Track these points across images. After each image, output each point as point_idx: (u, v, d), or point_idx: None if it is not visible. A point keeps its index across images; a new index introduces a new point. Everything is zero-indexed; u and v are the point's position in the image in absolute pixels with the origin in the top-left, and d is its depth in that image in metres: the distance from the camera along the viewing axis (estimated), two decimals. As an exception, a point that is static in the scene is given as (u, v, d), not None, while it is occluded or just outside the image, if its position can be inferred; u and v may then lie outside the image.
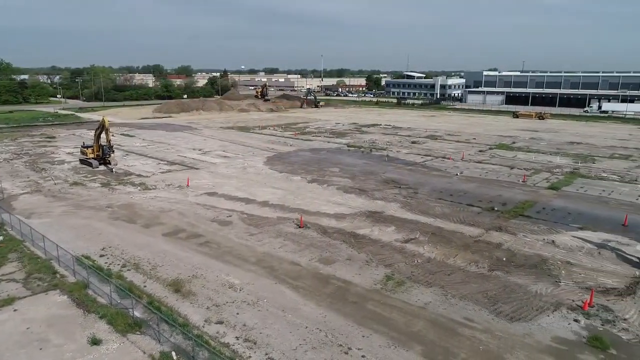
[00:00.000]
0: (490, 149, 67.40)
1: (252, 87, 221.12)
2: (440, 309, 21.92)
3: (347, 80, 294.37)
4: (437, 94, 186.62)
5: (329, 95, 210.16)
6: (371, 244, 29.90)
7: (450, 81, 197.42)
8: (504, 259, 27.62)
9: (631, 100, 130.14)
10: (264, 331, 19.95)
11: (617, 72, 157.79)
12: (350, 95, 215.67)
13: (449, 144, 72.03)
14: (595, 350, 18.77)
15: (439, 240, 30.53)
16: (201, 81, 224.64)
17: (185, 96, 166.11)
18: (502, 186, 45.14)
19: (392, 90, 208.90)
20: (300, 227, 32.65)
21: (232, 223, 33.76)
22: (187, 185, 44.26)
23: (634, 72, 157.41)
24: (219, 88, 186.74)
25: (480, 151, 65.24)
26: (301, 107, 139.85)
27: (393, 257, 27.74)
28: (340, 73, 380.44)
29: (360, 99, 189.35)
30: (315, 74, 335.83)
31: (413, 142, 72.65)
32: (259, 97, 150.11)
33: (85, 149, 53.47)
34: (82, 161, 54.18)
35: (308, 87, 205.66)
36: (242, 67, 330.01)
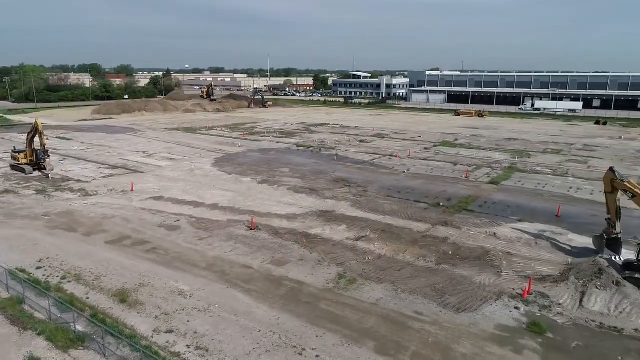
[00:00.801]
0: (434, 146, 69.81)
1: (198, 87, 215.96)
2: (391, 305, 22.43)
3: (295, 80, 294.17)
4: (382, 93, 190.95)
5: (276, 95, 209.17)
6: (323, 243, 30.09)
7: (395, 81, 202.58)
8: (450, 252, 28.71)
9: (560, 98, 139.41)
10: (216, 337, 19.56)
11: (547, 72, 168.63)
12: (298, 94, 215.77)
13: (395, 142, 73.86)
14: (534, 335, 19.93)
15: (388, 237, 31.22)
16: (143, 81, 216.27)
17: (126, 97, 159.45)
18: (447, 182, 46.89)
19: (339, 89, 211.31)
20: (251, 229, 32.29)
21: (181, 228, 32.82)
22: (131, 190, 42.51)
23: (561, 72, 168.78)
24: (162, 88, 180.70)
25: (426, 149, 67.42)
26: (249, 107, 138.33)
27: (345, 256, 28.08)
28: (287, 72, 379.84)
29: (308, 98, 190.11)
30: (262, 73, 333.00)
31: (361, 141, 73.85)
32: (205, 97, 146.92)
33: (17, 154, 50.00)
34: (13, 167, 50.62)
35: (255, 86, 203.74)
36: (186, 66, 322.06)
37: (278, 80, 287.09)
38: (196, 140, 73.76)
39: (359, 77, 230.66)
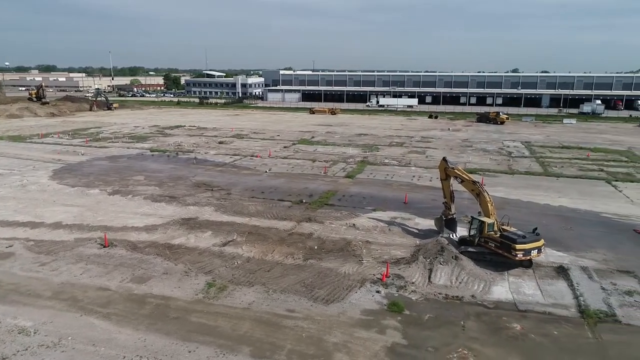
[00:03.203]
0: (293, 144, 71.86)
1: (24, 88, 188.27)
2: (263, 306, 22.53)
3: (143, 80, 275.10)
4: (238, 92, 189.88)
5: (123, 95, 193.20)
6: (188, 252, 28.80)
7: (250, 80, 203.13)
8: (316, 247, 29.93)
9: (399, 95, 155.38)
10: (72, 374, 17.38)
11: (387, 72, 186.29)
12: (147, 95, 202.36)
13: (255, 142, 74.09)
14: (394, 314, 21.95)
15: (255, 238, 31.23)
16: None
17: None
18: (308, 179, 48.69)
19: (193, 89, 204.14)
20: (105, 247, 29.31)
21: (15, 254, 28.21)
22: (-58, 215, 35.14)
23: (399, 72, 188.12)
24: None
25: (285, 147, 69.00)
26: (91, 109, 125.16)
27: (212, 263, 27.29)
28: (133, 71, 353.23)
29: (160, 99, 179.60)
30: (105, 72, 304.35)
31: (220, 142, 72.39)
32: (35, 99, 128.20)
33: None
34: None
35: (97, 87, 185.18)
36: (7, 64, 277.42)
37: (124, 80, 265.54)
38: (27, 150, 64.04)
39: (213, 76, 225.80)
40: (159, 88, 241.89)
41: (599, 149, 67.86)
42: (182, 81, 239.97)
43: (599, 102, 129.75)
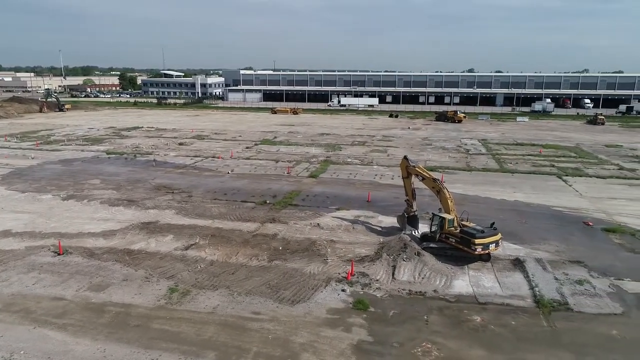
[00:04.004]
0: (255, 145, 71.22)
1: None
2: (228, 310, 22.20)
3: (97, 80, 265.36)
4: (198, 92, 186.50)
5: (75, 96, 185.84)
6: (149, 257, 27.99)
7: (210, 80, 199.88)
8: (281, 247, 29.78)
9: (360, 95, 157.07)
10: (26, 390, 16.53)
11: (348, 72, 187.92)
12: (102, 95, 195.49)
13: (216, 142, 72.94)
14: (360, 312, 22.15)
15: (219, 241, 30.74)
16: None
17: None
18: (271, 180, 48.38)
19: (151, 89, 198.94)
20: (59, 254, 28.05)
21: (-41, 265, 26.55)
22: None
23: (360, 72, 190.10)
24: None
25: (247, 148, 68.30)
26: (41, 111, 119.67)
27: (175, 267, 26.64)
28: (86, 71, 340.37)
29: (115, 99, 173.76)
30: (55, 71, 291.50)
31: (180, 144, 70.82)
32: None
33: None
34: None
35: (47, 87, 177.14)
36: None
37: (76, 80, 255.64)
38: (-29, 154, 60.41)
39: (171, 76, 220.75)
40: (114, 88, 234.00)
41: (550, 146, 71.10)
42: (139, 81, 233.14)
43: (549, 100, 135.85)
